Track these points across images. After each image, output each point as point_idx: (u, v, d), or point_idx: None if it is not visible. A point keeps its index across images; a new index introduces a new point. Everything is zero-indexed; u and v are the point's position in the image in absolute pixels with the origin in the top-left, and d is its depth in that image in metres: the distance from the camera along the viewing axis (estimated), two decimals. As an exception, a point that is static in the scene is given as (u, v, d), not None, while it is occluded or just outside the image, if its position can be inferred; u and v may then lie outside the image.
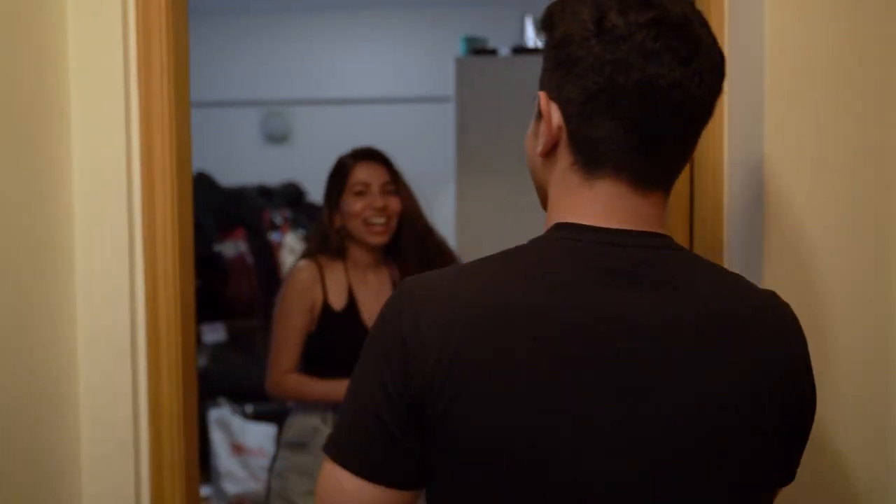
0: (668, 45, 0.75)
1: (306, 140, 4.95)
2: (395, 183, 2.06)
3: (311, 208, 4.54)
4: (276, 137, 4.95)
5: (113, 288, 1.26)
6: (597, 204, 0.79)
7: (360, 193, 2.00)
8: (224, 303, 3.70)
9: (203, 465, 3.40)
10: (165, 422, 1.30)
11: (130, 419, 1.28)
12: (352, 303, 2.02)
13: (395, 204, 2.02)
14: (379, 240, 2.01)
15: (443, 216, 4.90)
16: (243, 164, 4.91)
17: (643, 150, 0.78)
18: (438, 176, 4.63)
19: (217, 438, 3.25)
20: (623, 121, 0.76)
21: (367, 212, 1.98)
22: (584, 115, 0.77)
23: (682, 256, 0.82)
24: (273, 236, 3.88)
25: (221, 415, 3.31)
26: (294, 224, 4.10)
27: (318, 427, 1.97)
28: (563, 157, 0.81)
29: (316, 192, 4.68)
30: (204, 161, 4.86)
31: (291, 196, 4.47)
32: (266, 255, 3.76)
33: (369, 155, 2.08)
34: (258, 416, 3.55)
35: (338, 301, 2.02)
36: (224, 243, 3.74)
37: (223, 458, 3.20)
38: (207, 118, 4.95)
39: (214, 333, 3.63)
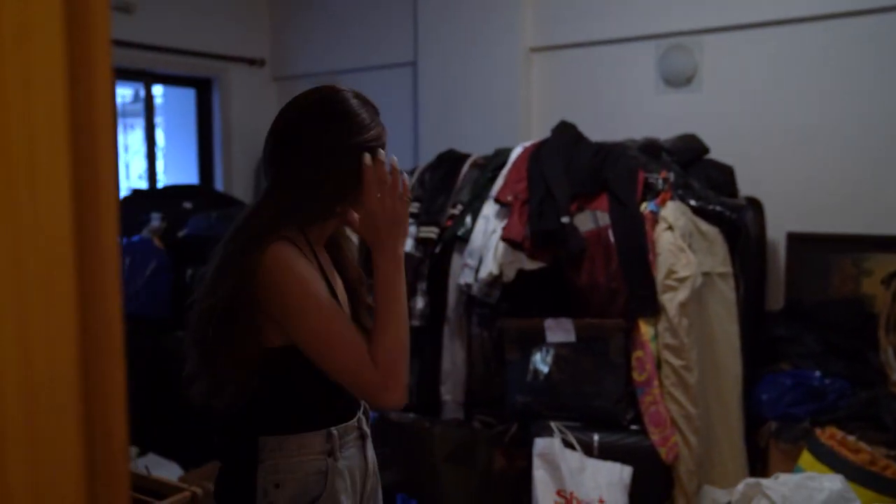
0: None
1: (716, 80, 3.75)
2: None
3: (714, 168, 3.37)
4: (678, 78, 3.84)
5: None
6: None
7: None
8: (574, 292, 2.81)
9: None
10: None
11: None
12: (330, 289, 1.45)
13: None
14: None
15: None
16: (635, 111, 3.93)
17: None
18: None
19: (540, 481, 2.40)
20: None
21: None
22: None
23: None
24: (648, 206, 2.84)
25: (549, 447, 2.44)
26: (682, 190, 3.00)
27: (326, 468, 1.41)
28: None
29: (721, 149, 3.50)
30: (589, 108, 4.01)
31: (688, 153, 3.36)
32: (634, 230, 2.76)
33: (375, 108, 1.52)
34: (607, 452, 2.61)
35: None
36: (578, 214, 2.83)
37: (543, 510, 2.34)
38: (597, 58, 4.08)
39: (560, 332, 2.77)
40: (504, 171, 3.13)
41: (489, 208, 3.05)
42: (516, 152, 3.18)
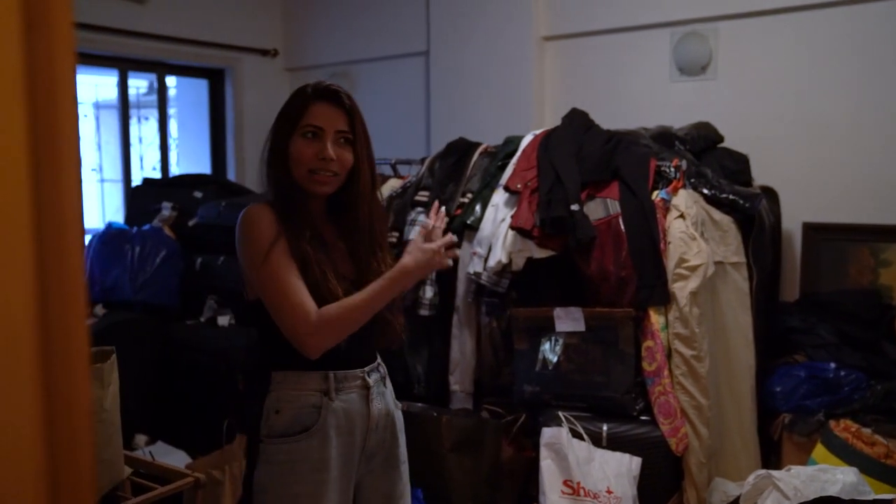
0: None
1: (731, 68, 3.69)
2: (353, 133, 1.74)
3: (728, 157, 3.32)
4: (692, 66, 3.79)
5: None
6: None
7: (310, 137, 1.71)
8: (584, 281, 2.78)
9: None
10: None
11: None
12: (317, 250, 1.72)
13: (348, 157, 1.73)
14: (324, 189, 1.72)
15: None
16: (649, 99, 3.88)
17: None
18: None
19: (546, 471, 2.37)
20: None
21: (314, 161, 1.69)
22: None
23: None
24: (659, 194, 2.80)
25: (556, 437, 2.41)
26: (695, 178, 2.96)
27: (320, 404, 1.66)
28: None
29: (736, 138, 3.44)
30: (603, 97, 3.97)
31: (701, 141, 3.31)
32: (645, 218, 2.72)
33: (330, 95, 1.73)
34: (616, 442, 2.58)
35: None
36: (589, 202, 2.80)
37: (551, 499, 2.31)
38: (611, 47, 4.03)
39: (570, 321, 2.74)
40: (514, 160, 3.09)
41: (498, 197, 3.02)
42: (526, 140, 3.15)
